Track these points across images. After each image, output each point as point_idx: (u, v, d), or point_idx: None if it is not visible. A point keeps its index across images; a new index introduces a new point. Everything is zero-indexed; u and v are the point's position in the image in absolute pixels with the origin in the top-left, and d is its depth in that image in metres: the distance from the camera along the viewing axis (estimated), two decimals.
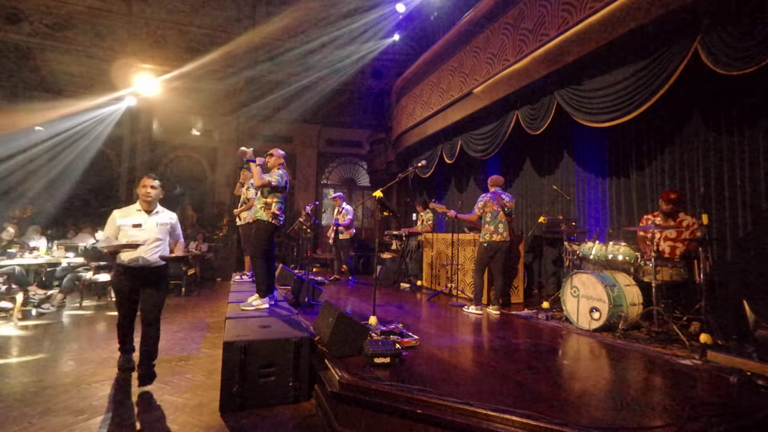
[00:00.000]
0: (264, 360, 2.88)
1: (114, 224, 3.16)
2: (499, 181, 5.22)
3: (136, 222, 3.17)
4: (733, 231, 4.18)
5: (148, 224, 3.21)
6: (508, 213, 5.05)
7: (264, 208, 4.17)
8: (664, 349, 3.39)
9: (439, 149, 8.15)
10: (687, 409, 2.16)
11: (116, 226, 3.15)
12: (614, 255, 4.30)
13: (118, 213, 3.19)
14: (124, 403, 2.89)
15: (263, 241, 4.16)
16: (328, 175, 13.20)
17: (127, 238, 3.11)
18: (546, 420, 2.00)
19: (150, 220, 3.23)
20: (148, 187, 3.23)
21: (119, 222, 3.15)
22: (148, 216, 3.24)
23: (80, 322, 5.33)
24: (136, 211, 3.23)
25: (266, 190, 4.21)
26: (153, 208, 3.29)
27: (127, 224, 3.15)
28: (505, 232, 4.94)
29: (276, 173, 4.24)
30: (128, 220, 3.16)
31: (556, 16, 4.79)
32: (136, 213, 3.23)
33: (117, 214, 3.18)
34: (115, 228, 3.16)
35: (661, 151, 4.94)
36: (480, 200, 5.09)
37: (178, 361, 3.79)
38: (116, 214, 3.18)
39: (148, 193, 3.22)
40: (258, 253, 4.17)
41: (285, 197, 4.34)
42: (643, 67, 4.03)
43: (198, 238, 9.06)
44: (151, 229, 3.21)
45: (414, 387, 2.40)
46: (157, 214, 3.29)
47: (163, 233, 3.26)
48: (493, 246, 4.93)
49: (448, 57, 7.34)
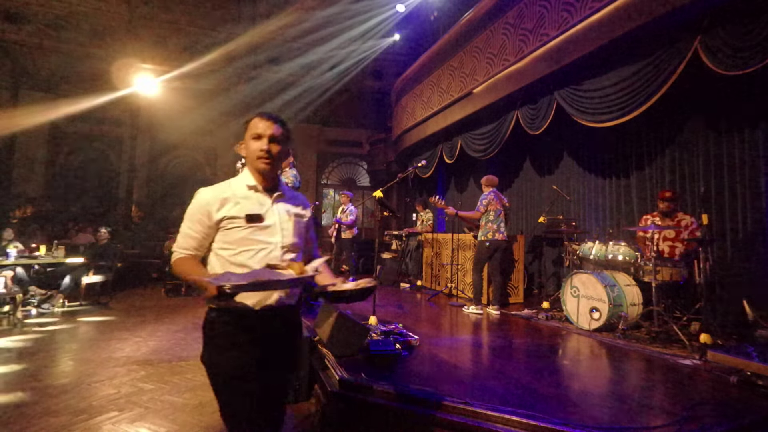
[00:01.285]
0: None
1: (208, 217, 1.46)
2: (495, 181, 5.29)
3: (253, 211, 1.48)
4: (733, 231, 4.18)
5: (275, 215, 1.53)
6: (507, 213, 5.16)
7: None
8: (664, 349, 3.39)
9: (439, 149, 8.15)
10: (687, 409, 2.16)
11: (213, 222, 1.46)
12: (614, 255, 4.30)
13: (209, 193, 1.49)
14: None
15: None
16: (328, 175, 13.20)
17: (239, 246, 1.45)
18: (546, 420, 2.00)
19: (277, 209, 1.54)
20: (265, 138, 1.49)
21: (221, 213, 1.46)
22: (270, 198, 1.55)
23: (80, 322, 5.32)
24: (247, 190, 1.53)
25: None
26: (276, 183, 1.59)
27: (237, 216, 1.46)
28: (506, 232, 5.03)
29: (290, 174, 4.17)
30: (235, 207, 1.47)
31: (556, 16, 4.79)
32: (247, 192, 1.53)
33: (209, 195, 1.48)
34: (209, 226, 1.47)
35: (661, 151, 4.94)
36: (484, 197, 5.11)
37: (178, 361, 3.79)
38: (207, 196, 1.48)
39: (266, 152, 1.48)
40: None
41: None
42: (643, 67, 4.03)
43: None
44: (283, 224, 1.53)
45: (414, 387, 2.40)
46: (283, 196, 1.59)
47: (300, 234, 1.59)
48: (494, 244, 4.96)
49: (448, 57, 7.34)
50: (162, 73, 9.88)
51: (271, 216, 1.52)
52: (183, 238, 1.49)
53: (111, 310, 6.09)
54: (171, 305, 6.49)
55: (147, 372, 3.47)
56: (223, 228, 1.47)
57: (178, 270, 1.46)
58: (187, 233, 1.48)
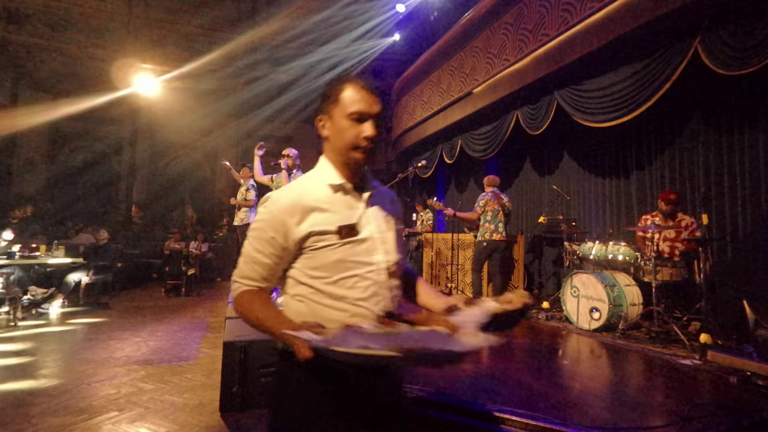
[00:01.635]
0: (264, 360, 2.88)
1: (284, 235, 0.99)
2: (496, 181, 5.29)
3: (346, 221, 1.01)
4: (733, 231, 4.18)
5: (371, 224, 1.06)
6: (507, 213, 5.13)
7: None
8: (664, 349, 3.39)
9: (439, 149, 8.15)
10: (687, 409, 2.16)
11: (293, 242, 1.00)
12: (614, 255, 4.30)
13: (286, 198, 1.01)
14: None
15: None
16: None
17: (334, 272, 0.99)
18: (546, 420, 2.00)
19: (372, 214, 1.08)
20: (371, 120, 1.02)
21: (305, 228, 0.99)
22: (360, 200, 1.07)
23: (80, 322, 5.32)
24: (332, 191, 1.05)
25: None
26: (365, 177, 1.12)
27: (328, 226, 0.99)
28: (504, 232, 5.02)
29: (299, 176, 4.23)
30: (323, 217, 1.00)
31: (556, 16, 4.79)
32: (332, 195, 1.05)
33: (286, 202, 1.01)
34: (284, 247, 1.00)
35: (661, 151, 4.94)
36: (481, 198, 5.11)
37: (178, 361, 3.78)
38: (284, 202, 1.01)
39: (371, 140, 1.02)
40: None
41: None
42: (643, 67, 4.03)
43: (198, 237, 9.06)
44: (383, 235, 1.08)
45: (414, 387, 2.40)
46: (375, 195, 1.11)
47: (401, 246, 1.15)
48: (491, 245, 4.96)
49: (448, 57, 7.34)
50: (162, 73, 9.88)
51: (366, 225, 1.04)
52: (247, 263, 1.03)
53: (111, 310, 6.08)
54: (171, 305, 6.49)
55: (147, 372, 3.47)
56: (308, 249, 1.00)
57: (241, 310, 1.01)
58: (254, 257, 1.02)
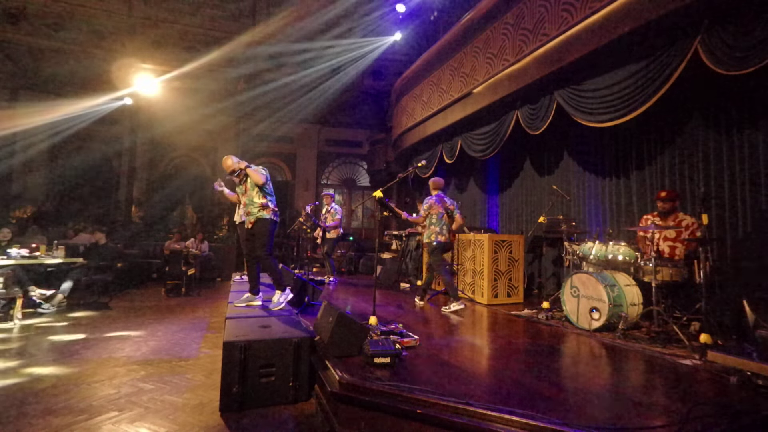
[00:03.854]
0: (264, 360, 2.88)
1: None
2: (440, 184, 5.42)
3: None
4: (733, 231, 4.18)
5: None
6: (450, 215, 5.27)
7: (263, 208, 4.28)
8: (664, 349, 3.38)
9: (439, 149, 8.15)
10: (687, 409, 2.16)
11: None
12: (614, 255, 4.30)
13: None
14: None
15: (270, 238, 4.32)
16: (328, 175, 13.20)
17: None
18: (546, 420, 2.00)
19: None
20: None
21: None
22: None
23: (80, 322, 5.33)
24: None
25: (259, 192, 4.32)
26: None
27: None
28: (448, 234, 5.18)
29: (260, 171, 4.35)
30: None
31: (556, 16, 4.78)
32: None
33: None
34: None
35: (661, 151, 4.94)
36: (425, 203, 5.25)
37: (178, 361, 3.79)
38: None
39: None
40: (267, 251, 4.30)
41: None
42: (643, 67, 4.03)
43: (198, 237, 9.07)
44: None
45: (414, 387, 2.40)
46: None
47: None
48: (440, 245, 5.11)
49: (448, 57, 7.33)
50: (162, 73, 9.88)
51: None
52: None
53: (111, 310, 6.09)
54: (171, 305, 6.49)
55: (147, 372, 3.48)
56: None
57: None
58: None
